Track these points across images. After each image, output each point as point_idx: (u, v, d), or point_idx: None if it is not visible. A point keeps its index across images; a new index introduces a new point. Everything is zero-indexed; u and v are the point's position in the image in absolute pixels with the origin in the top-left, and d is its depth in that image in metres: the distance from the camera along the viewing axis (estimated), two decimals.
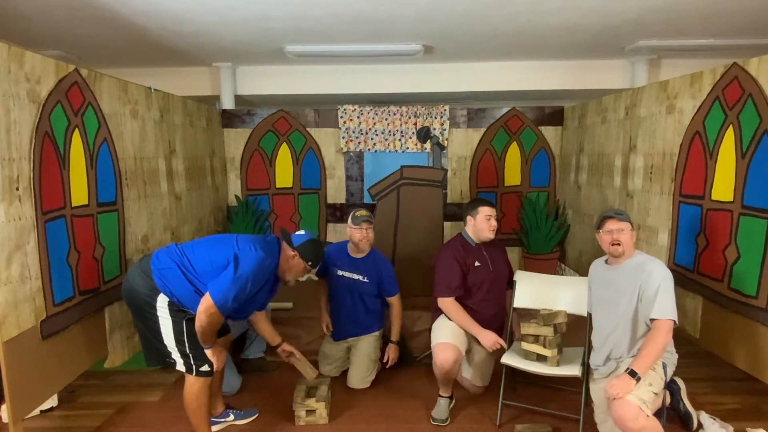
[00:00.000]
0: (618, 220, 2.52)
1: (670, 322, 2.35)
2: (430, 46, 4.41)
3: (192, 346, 2.42)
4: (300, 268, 2.62)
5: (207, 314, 2.31)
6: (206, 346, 2.43)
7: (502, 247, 3.33)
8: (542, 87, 5.27)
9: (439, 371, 2.89)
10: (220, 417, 2.86)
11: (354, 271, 3.27)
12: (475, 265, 3.04)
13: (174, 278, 2.39)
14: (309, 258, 2.60)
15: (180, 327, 2.41)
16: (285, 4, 3.26)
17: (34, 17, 3.42)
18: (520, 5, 3.33)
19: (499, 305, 3.15)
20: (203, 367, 2.45)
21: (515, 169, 5.12)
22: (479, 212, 3.02)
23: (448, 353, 2.83)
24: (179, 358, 2.44)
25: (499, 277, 3.15)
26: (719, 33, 4.05)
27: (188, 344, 2.42)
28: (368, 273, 3.26)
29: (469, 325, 2.95)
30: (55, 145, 2.51)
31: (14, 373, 2.23)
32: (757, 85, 2.50)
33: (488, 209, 3.03)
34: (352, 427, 2.89)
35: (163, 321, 2.40)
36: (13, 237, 2.23)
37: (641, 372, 2.29)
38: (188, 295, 2.39)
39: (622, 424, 2.25)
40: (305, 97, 5.60)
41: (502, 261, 3.22)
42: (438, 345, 2.91)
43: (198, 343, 2.42)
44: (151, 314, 2.40)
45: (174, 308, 2.40)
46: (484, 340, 2.89)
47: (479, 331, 2.91)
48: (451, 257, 3.05)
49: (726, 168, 2.72)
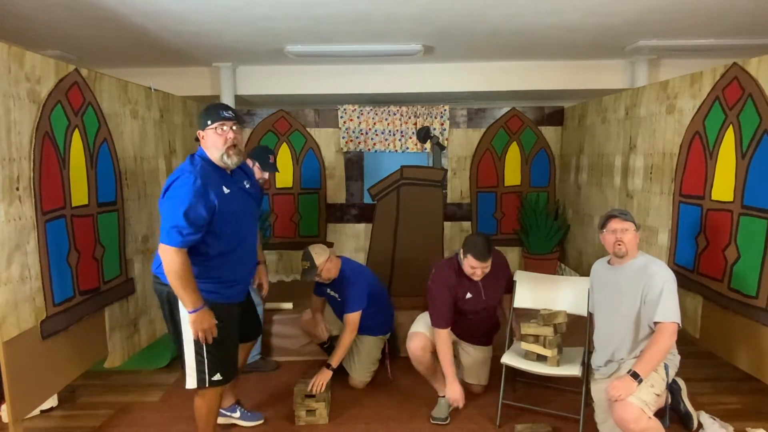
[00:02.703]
0: (622, 219, 2.51)
1: (674, 325, 2.33)
2: (430, 46, 4.41)
3: (210, 351, 2.28)
4: (211, 138, 2.22)
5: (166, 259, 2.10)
6: (190, 308, 2.17)
7: (500, 262, 3.06)
8: (542, 87, 5.27)
9: (413, 361, 3.01)
10: (227, 410, 2.82)
11: (333, 289, 3.36)
12: (466, 297, 2.95)
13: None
14: (200, 125, 2.27)
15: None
16: (285, 4, 3.25)
17: (34, 17, 3.42)
18: (520, 5, 3.33)
19: (489, 320, 3.17)
20: (215, 376, 2.32)
21: (515, 169, 5.12)
22: (467, 259, 2.82)
23: (416, 341, 2.96)
24: (193, 367, 2.30)
25: (493, 300, 3.07)
26: (719, 33, 4.04)
27: (206, 348, 2.27)
28: (338, 292, 3.32)
29: (446, 366, 2.83)
30: (55, 145, 2.51)
31: (14, 373, 2.24)
32: (757, 85, 2.50)
33: (474, 261, 2.79)
34: (352, 427, 2.89)
35: (185, 324, 2.25)
36: (13, 237, 2.23)
37: (643, 374, 2.29)
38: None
39: (624, 426, 2.25)
40: (305, 97, 5.59)
41: (499, 280, 3.05)
42: (408, 334, 3.06)
43: (217, 349, 2.28)
44: (174, 315, 2.29)
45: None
46: (448, 390, 2.81)
47: (450, 380, 2.81)
48: (444, 286, 2.90)
49: (726, 168, 2.72)
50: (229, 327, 2.35)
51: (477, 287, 2.96)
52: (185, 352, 2.30)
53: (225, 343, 2.33)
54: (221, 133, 2.21)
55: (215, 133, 2.21)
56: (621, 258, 2.54)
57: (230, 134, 2.22)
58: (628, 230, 2.49)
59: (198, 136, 2.29)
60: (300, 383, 2.98)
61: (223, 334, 2.28)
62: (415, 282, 3.70)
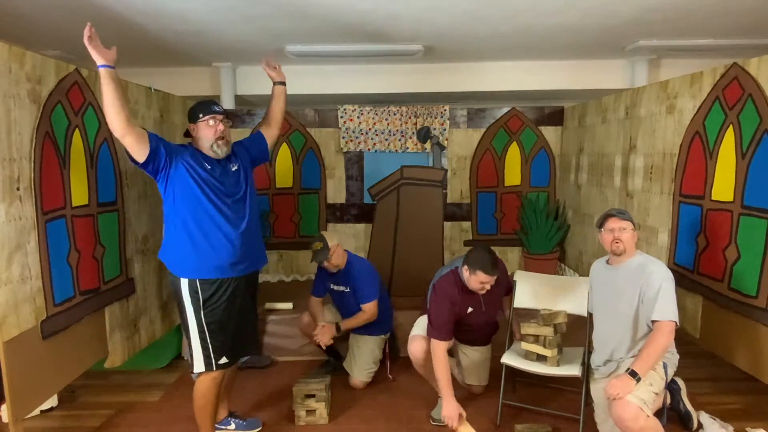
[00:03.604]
0: (620, 218, 2.52)
1: (672, 324, 2.34)
2: (430, 46, 4.41)
3: (212, 336, 2.44)
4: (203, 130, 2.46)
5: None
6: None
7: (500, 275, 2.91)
8: (542, 87, 5.27)
9: (414, 364, 3.00)
10: (221, 423, 2.81)
11: (339, 283, 3.36)
12: (467, 312, 2.96)
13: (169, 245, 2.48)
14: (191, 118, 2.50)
15: (199, 315, 2.43)
16: (285, 4, 3.26)
17: (34, 17, 3.42)
18: (520, 5, 3.33)
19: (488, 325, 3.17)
20: (222, 359, 2.47)
21: (515, 169, 5.12)
22: (476, 275, 2.74)
23: (417, 344, 2.94)
24: (200, 351, 2.45)
25: (493, 309, 3.07)
26: (719, 33, 4.05)
27: (209, 334, 2.44)
28: (348, 283, 3.33)
29: (443, 383, 2.71)
30: (55, 145, 2.51)
31: (14, 373, 2.24)
32: (757, 85, 2.49)
33: (484, 276, 2.72)
34: (352, 427, 2.89)
35: (188, 310, 2.44)
36: (13, 237, 2.23)
37: (642, 373, 2.29)
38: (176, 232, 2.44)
39: (622, 425, 2.25)
40: (305, 97, 5.59)
41: (497, 293, 3.03)
42: (410, 337, 3.03)
43: (219, 333, 2.44)
44: (181, 303, 2.46)
45: (194, 291, 2.42)
46: (444, 408, 2.67)
47: (447, 397, 2.68)
48: (446, 300, 2.85)
49: (726, 168, 2.72)
50: (219, 309, 2.46)
51: (477, 301, 2.94)
52: (191, 338, 2.46)
53: (225, 328, 2.48)
54: (212, 125, 2.44)
55: (207, 125, 2.44)
56: (619, 257, 2.55)
57: (220, 126, 2.45)
58: (625, 229, 2.50)
59: (189, 129, 2.51)
60: (300, 383, 2.98)
61: (216, 317, 2.44)
62: (415, 282, 3.70)
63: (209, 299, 2.43)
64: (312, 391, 2.92)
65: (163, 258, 2.51)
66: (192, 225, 2.40)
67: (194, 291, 2.42)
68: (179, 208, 2.41)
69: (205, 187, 2.40)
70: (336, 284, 3.37)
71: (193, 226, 2.40)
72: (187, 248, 2.41)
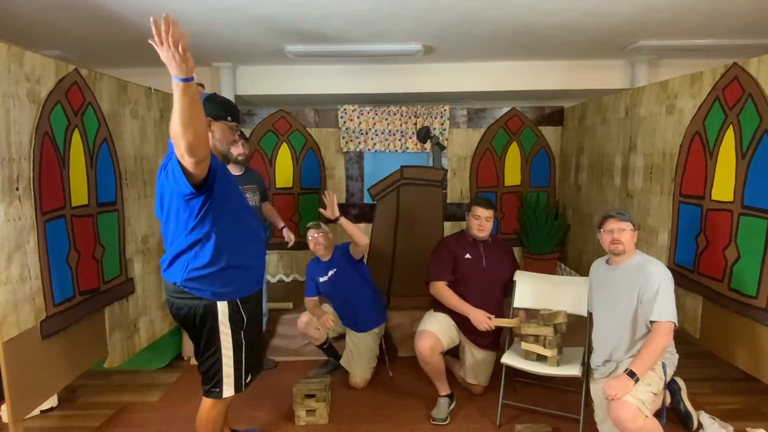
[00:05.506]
0: (619, 219, 2.52)
1: (670, 324, 2.35)
2: (430, 46, 4.41)
3: (249, 354, 2.23)
4: (224, 132, 2.16)
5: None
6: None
7: (506, 248, 3.34)
8: (542, 87, 5.26)
9: (420, 360, 2.99)
10: None
11: (328, 271, 3.41)
12: (465, 257, 3.08)
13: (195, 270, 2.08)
14: (214, 113, 2.11)
15: (239, 336, 2.19)
16: (285, 4, 3.26)
17: (34, 17, 3.42)
18: (520, 5, 3.33)
19: (492, 306, 3.06)
20: (249, 377, 2.28)
21: (515, 169, 5.12)
22: (471, 210, 3.15)
23: (424, 340, 2.94)
24: (231, 374, 2.20)
25: (495, 278, 3.14)
26: (719, 33, 4.04)
27: (246, 353, 2.22)
28: (337, 263, 3.39)
29: (460, 305, 3.01)
30: (54, 145, 2.51)
31: (14, 373, 2.24)
32: (757, 85, 2.49)
33: (479, 210, 3.10)
34: (352, 427, 2.89)
35: (226, 334, 2.16)
36: (13, 237, 2.23)
37: (640, 373, 2.29)
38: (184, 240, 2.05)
39: (620, 425, 2.25)
40: (305, 97, 5.59)
41: (502, 262, 3.21)
42: (417, 332, 3.05)
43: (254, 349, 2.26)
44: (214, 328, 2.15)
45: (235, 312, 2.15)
46: (473, 317, 2.94)
47: (469, 310, 2.97)
48: (443, 246, 3.20)
49: (726, 168, 2.72)
50: (254, 323, 2.29)
51: (477, 250, 3.12)
52: (223, 363, 2.18)
53: (255, 342, 2.31)
54: (233, 133, 2.23)
55: (229, 129, 2.18)
56: (618, 257, 2.55)
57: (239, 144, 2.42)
58: (625, 230, 2.51)
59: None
60: (300, 383, 2.98)
61: (252, 332, 2.24)
62: (415, 282, 3.70)
63: (251, 316, 2.23)
64: (312, 391, 2.92)
65: (189, 285, 2.09)
66: (235, 238, 2.11)
67: (236, 312, 2.15)
68: (218, 222, 2.04)
69: (239, 191, 2.18)
70: (324, 274, 3.41)
71: (236, 239, 2.12)
72: (228, 267, 2.10)
